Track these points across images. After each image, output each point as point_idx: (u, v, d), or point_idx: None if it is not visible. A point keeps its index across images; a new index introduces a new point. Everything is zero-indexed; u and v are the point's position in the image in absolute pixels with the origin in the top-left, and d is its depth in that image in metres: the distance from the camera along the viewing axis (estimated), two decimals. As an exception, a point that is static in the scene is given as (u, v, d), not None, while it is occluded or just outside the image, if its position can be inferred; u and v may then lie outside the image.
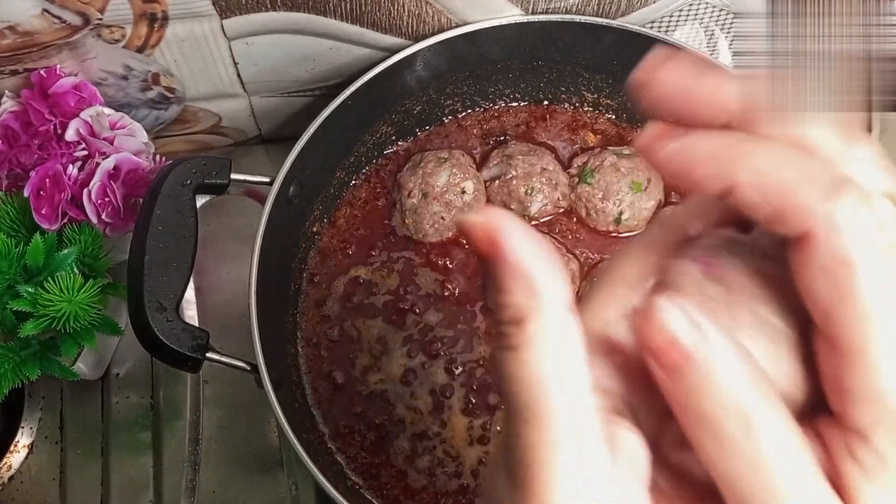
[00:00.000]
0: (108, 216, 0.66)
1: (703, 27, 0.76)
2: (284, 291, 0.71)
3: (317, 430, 0.68)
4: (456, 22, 0.71)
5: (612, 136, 0.78)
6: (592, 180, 0.73)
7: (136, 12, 0.63)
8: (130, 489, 0.72)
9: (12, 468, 0.73)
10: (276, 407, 0.58)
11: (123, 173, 0.67)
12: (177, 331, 0.58)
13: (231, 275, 0.77)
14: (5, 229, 0.65)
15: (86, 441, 0.74)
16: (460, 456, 0.66)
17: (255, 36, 0.69)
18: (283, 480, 0.72)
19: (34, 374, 0.64)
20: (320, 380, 0.69)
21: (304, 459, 0.57)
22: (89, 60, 0.68)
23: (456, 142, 0.78)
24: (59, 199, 0.65)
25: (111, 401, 0.75)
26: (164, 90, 0.73)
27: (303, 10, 0.66)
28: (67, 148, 0.67)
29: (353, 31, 0.70)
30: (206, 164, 0.62)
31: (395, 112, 0.75)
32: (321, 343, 0.71)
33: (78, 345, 0.64)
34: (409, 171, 0.74)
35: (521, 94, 0.79)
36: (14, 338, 0.63)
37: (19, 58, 0.66)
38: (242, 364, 0.60)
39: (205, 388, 0.75)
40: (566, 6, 0.71)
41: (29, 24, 0.62)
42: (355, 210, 0.76)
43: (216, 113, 0.79)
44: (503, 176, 0.74)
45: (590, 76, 0.77)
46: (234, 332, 0.67)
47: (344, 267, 0.73)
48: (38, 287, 0.62)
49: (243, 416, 0.74)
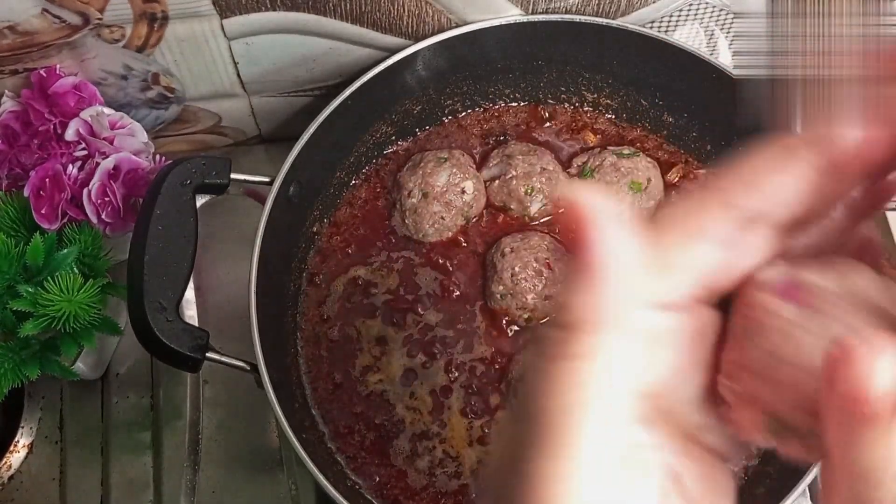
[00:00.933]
0: (108, 216, 0.66)
1: (703, 27, 0.76)
2: (284, 291, 0.71)
3: (317, 430, 0.68)
4: (456, 22, 0.71)
5: (612, 135, 0.78)
6: (592, 180, 0.73)
7: (135, 12, 0.63)
8: (130, 489, 0.72)
9: (12, 468, 0.73)
10: (276, 407, 0.58)
11: (123, 173, 0.67)
12: (177, 331, 0.58)
13: (231, 275, 0.77)
14: (5, 229, 0.65)
15: (86, 441, 0.74)
16: (460, 456, 0.66)
17: (255, 36, 0.69)
18: (283, 480, 0.72)
19: (34, 374, 0.64)
20: (320, 380, 0.69)
21: (304, 459, 0.57)
22: (89, 60, 0.68)
23: (456, 142, 0.78)
24: (59, 199, 0.65)
25: (111, 401, 0.75)
26: (164, 90, 0.73)
27: (303, 10, 0.66)
28: (67, 148, 0.67)
29: (353, 31, 0.70)
30: (206, 164, 0.62)
31: (395, 112, 0.75)
32: (321, 343, 0.71)
33: (78, 345, 0.64)
34: (408, 170, 0.74)
35: (521, 94, 0.79)
36: (14, 338, 0.63)
37: (19, 58, 0.66)
38: (242, 364, 0.60)
39: (205, 388, 0.75)
40: (566, 6, 0.71)
41: (29, 24, 0.62)
42: (355, 210, 0.76)
43: (216, 113, 0.79)
44: (503, 176, 0.74)
45: (590, 76, 0.77)
46: (234, 332, 0.67)
47: (344, 267, 0.73)
48: (38, 287, 0.62)
49: (243, 416, 0.74)
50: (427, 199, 0.72)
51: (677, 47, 0.70)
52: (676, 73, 0.72)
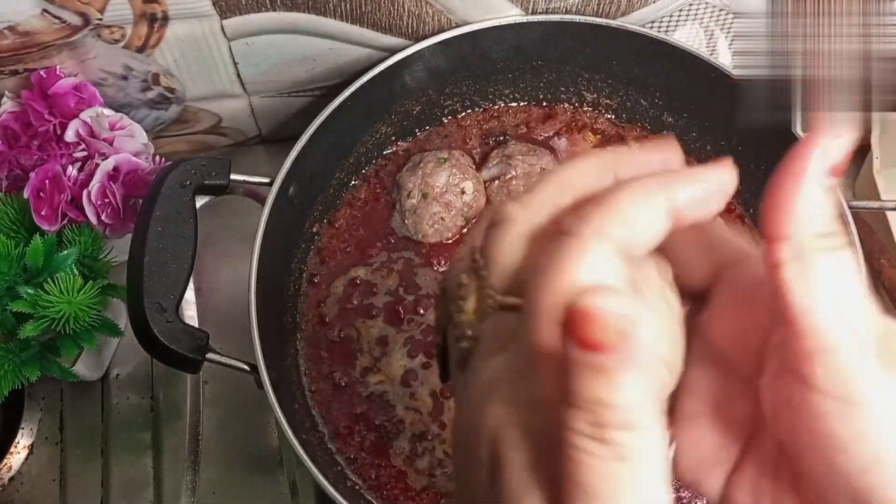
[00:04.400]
0: (108, 217, 0.66)
1: (703, 27, 0.76)
2: (284, 292, 0.71)
3: (317, 430, 0.68)
4: (456, 22, 0.71)
5: (612, 135, 0.78)
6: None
7: (136, 12, 0.63)
8: (130, 489, 0.72)
9: (12, 469, 0.73)
10: (276, 407, 0.58)
11: (123, 174, 0.67)
12: (176, 331, 0.58)
13: (231, 275, 0.77)
14: (5, 230, 0.65)
15: (86, 442, 0.74)
16: (460, 456, 0.66)
17: (255, 36, 0.69)
18: (283, 480, 0.72)
19: (34, 376, 0.64)
20: (320, 380, 0.69)
21: (303, 460, 0.57)
22: (89, 61, 0.68)
23: (455, 142, 0.78)
24: (59, 200, 0.65)
25: (111, 401, 0.75)
26: (164, 90, 0.73)
27: (303, 10, 0.66)
28: (67, 149, 0.67)
29: (353, 31, 0.70)
30: (206, 165, 0.62)
31: (395, 112, 0.75)
32: (321, 343, 0.71)
33: (77, 346, 0.64)
34: (408, 171, 0.74)
35: (521, 94, 0.79)
36: (14, 339, 0.63)
37: (19, 58, 0.66)
38: (242, 364, 0.60)
39: (205, 388, 0.74)
40: (566, 6, 0.71)
41: (29, 24, 0.62)
42: (355, 210, 0.76)
43: (216, 113, 0.79)
44: (503, 176, 0.74)
45: (589, 76, 0.77)
46: (234, 333, 0.67)
47: (344, 267, 0.73)
48: (38, 288, 0.62)
49: (243, 417, 0.74)
50: (427, 200, 0.72)
51: (677, 47, 0.70)
52: (676, 73, 0.72)
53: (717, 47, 0.79)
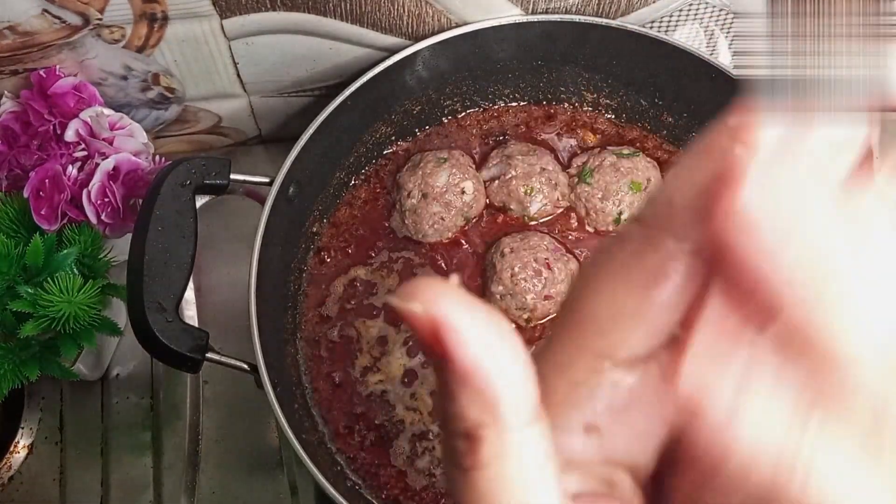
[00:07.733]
0: (108, 217, 0.66)
1: (703, 27, 0.76)
2: (284, 291, 0.71)
3: (316, 430, 0.68)
4: (456, 22, 0.71)
5: (612, 135, 0.78)
6: (592, 180, 0.73)
7: (135, 12, 0.63)
8: (130, 489, 0.72)
9: (12, 469, 0.73)
10: (276, 407, 0.58)
11: (123, 174, 0.67)
12: (176, 331, 0.58)
13: (231, 275, 0.77)
14: (5, 230, 0.65)
15: (86, 441, 0.74)
16: (460, 456, 0.66)
17: (255, 36, 0.69)
18: (283, 480, 0.72)
19: (34, 375, 0.64)
20: (320, 380, 0.69)
21: (303, 460, 0.57)
22: (89, 61, 0.68)
23: (455, 142, 0.78)
24: (59, 200, 0.65)
25: (111, 401, 0.75)
26: (164, 90, 0.73)
27: (303, 10, 0.66)
28: (67, 148, 0.67)
29: (353, 31, 0.70)
30: (206, 165, 0.62)
31: (395, 112, 0.75)
32: (321, 343, 0.71)
33: (77, 345, 0.64)
34: (408, 171, 0.74)
35: (521, 94, 0.79)
36: (14, 339, 0.63)
37: (19, 58, 0.66)
38: (242, 364, 0.60)
39: (205, 388, 0.75)
40: (566, 6, 0.71)
41: (29, 24, 0.62)
42: (355, 210, 0.76)
43: (216, 113, 0.79)
44: (503, 176, 0.74)
45: (589, 76, 0.77)
46: (234, 332, 0.67)
47: (343, 267, 0.73)
48: (38, 288, 0.62)
49: (243, 416, 0.74)
50: (427, 200, 0.72)
51: (677, 47, 0.70)
52: (676, 73, 0.72)
53: (717, 47, 0.79)
